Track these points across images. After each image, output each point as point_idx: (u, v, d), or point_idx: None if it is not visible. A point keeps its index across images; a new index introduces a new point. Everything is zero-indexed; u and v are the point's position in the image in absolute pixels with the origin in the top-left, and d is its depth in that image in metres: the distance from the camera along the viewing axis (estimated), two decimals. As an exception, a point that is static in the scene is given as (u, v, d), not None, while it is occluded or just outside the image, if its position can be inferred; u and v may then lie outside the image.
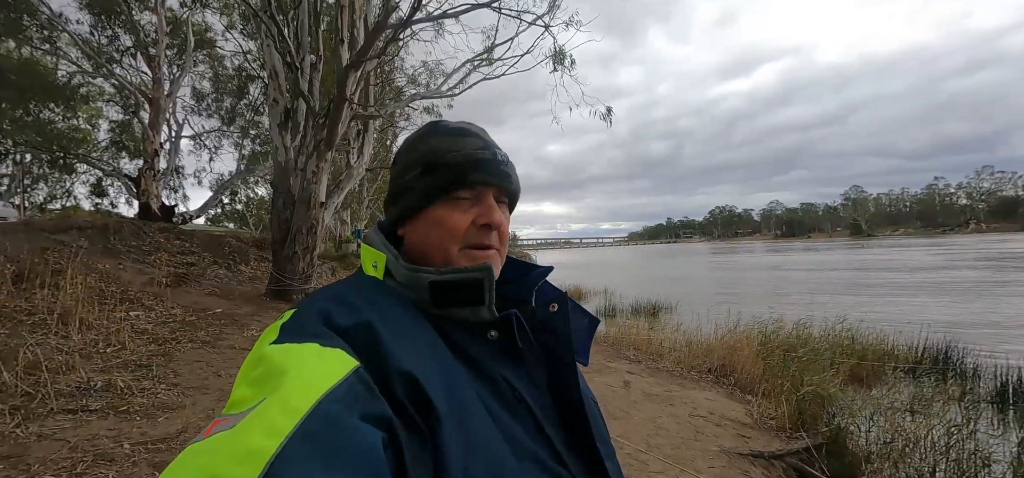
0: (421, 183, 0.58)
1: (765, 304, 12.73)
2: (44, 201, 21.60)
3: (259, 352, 0.43)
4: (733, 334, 7.39)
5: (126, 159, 17.81)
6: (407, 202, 0.59)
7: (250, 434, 0.34)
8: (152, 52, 11.81)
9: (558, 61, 7.37)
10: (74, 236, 7.43)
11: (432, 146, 0.59)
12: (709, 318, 8.63)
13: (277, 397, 0.36)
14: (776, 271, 30.67)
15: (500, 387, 0.50)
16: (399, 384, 0.42)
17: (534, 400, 0.52)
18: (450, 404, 0.44)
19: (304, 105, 8.39)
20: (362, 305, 0.49)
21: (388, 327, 0.47)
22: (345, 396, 0.38)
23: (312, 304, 0.49)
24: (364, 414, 0.38)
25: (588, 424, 0.54)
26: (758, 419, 4.37)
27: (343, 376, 0.39)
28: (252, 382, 0.40)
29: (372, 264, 0.58)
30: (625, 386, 4.92)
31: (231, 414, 0.37)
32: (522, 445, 0.48)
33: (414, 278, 0.54)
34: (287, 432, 0.34)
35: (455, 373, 0.48)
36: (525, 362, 0.54)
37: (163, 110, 12.05)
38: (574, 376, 0.56)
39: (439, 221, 0.57)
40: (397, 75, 14.99)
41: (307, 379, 0.38)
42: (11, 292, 4.40)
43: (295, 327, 0.45)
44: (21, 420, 2.62)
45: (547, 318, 0.58)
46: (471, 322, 0.54)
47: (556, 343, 0.56)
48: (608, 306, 14.88)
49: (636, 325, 9.18)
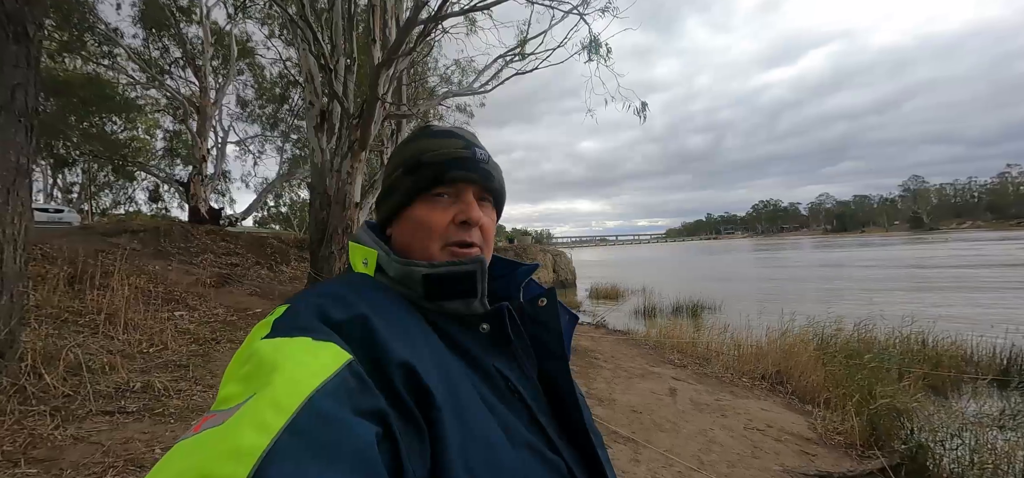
0: (404, 182, 0.59)
1: (819, 304, 11.87)
2: (108, 207, 23.23)
3: (249, 347, 0.42)
4: (787, 337, 6.84)
5: (179, 166, 18.85)
6: (392, 201, 0.60)
7: (240, 431, 0.33)
8: (199, 63, 12.36)
9: (593, 51, 7.05)
10: (127, 239, 7.80)
11: (417, 147, 0.60)
12: (759, 319, 8.04)
13: (267, 393, 0.35)
14: (828, 268, 28.80)
15: (494, 378, 0.51)
16: (397, 374, 0.42)
17: (526, 391, 0.53)
18: (448, 393, 0.44)
19: (338, 107, 8.48)
20: (355, 299, 0.48)
21: (383, 320, 0.46)
22: (337, 390, 0.37)
23: (305, 299, 0.48)
24: (357, 408, 0.37)
25: (580, 413, 0.56)
26: (823, 434, 3.94)
27: (335, 370, 0.38)
28: (242, 378, 0.39)
29: (363, 261, 0.58)
30: (671, 394, 4.58)
31: (220, 410, 0.36)
32: (518, 434, 0.48)
33: (407, 272, 0.55)
34: (278, 428, 0.33)
35: (450, 364, 0.48)
36: (516, 354, 0.55)
37: (210, 118, 12.60)
38: (565, 368, 0.57)
39: (420, 219, 0.58)
40: (430, 74, 15.03)
41: (298, 374, 0.37)
42: (64, 293, 4.59)
43: (287, 322, 0.44)
44: (60, 422, 2.63)
45: (536, 312, 0.59)
46: (463, 315, 0.55)
47: (546, 336, 0.58)
48: (647, 305, 14.36)
49: (678, 326, 8.73)
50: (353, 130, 8.01)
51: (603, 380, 4.88)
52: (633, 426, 3.65)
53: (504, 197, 0.65)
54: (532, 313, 0.59)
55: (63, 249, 5.93)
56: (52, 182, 23.20)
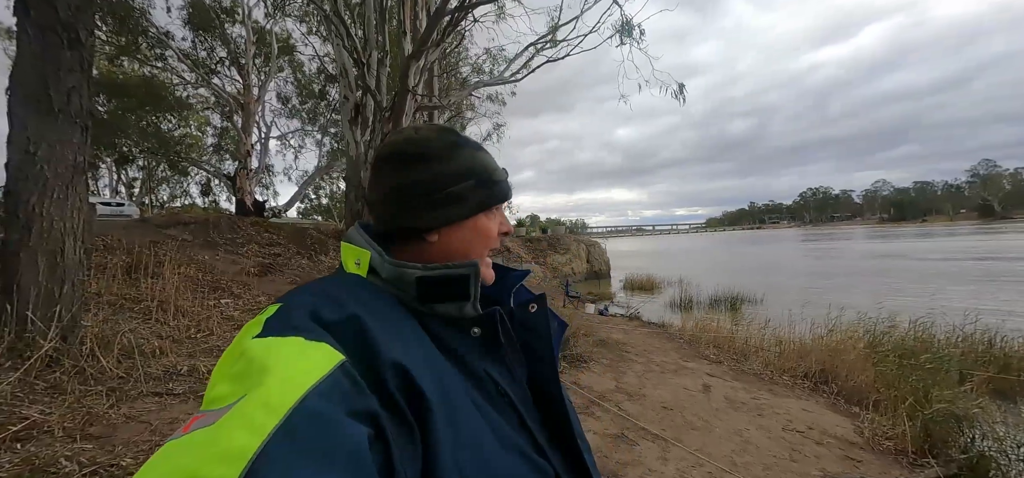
0: (477, 194, 0.60)
1: (871, 299, 11.16)
2: (166, 200, 24.84)
3: (240, 346, 0.42)
4: (834, 334, 6.46)
5: (227, 160, 19.87)
6: (458, 210, 0.60)
7: (230, 432, 0.32)
8: (242, 62, 12.92)
9: (626, 33, 6.81)
10: (179, 230, 8.30)
11: (482, 162, 0.62)
12: (803, 314, 7.62)
13: (259, 393, 0.35)
14: (884, 260, 26.98)
15: (484, 382, 0.52)
16: (390, 375, 0.42)
17: (516, 395, 0.54)
18: (440, 395, 0.44)
19: (371, 101, 8.64)
20: (348, 299, 0.47)
21: (376, 320, 0.46)
22: (330, 391, 0.37)
23: (297, 298, 0.47)
24: (350, 410, 0.37)
25: (568, 418, 0.57)
26: (870, 438, 3.69)
27: (328, 371, 0.38)
28: (233, 377, 0.38)
29: (355, 261, 0.57)
30: (705, 390, 4.43)
31: (211, 410, 0.36)
32: (507, 438, 0.49)
33: (400, 274, 0.54)
34: (269, 430, 0.32)
35: (442, 366, 0.48)
36: (506, 359, 0.55)
37: (253, 114, 13.17)
38: (554, 373, 0.58)
39: (482, 230, 0.61)
40: (462, 65, 15.07)
41: (290, 374, 0.37)
42: (122, 281, 4.93)
43: (279, 321, 0.43)
44: (115, 402, 2.83)
45: (526, 317, 0.60)
46: (455, 318, 0.55)
47: (535, 341, 0.59)
48: (684, 297, 13.95)
49: (716, 320, 8.42)
50: (385, 123, 8.15)
51: (634, 374, 4.78)
52: (663, 423, 3.55)
53: None
54: (522, 318, 0.60)
55: (122, 240, 6.37)
56: (116, 178, 25.03)
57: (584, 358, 5.02)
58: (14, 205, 2.94)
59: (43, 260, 2.98)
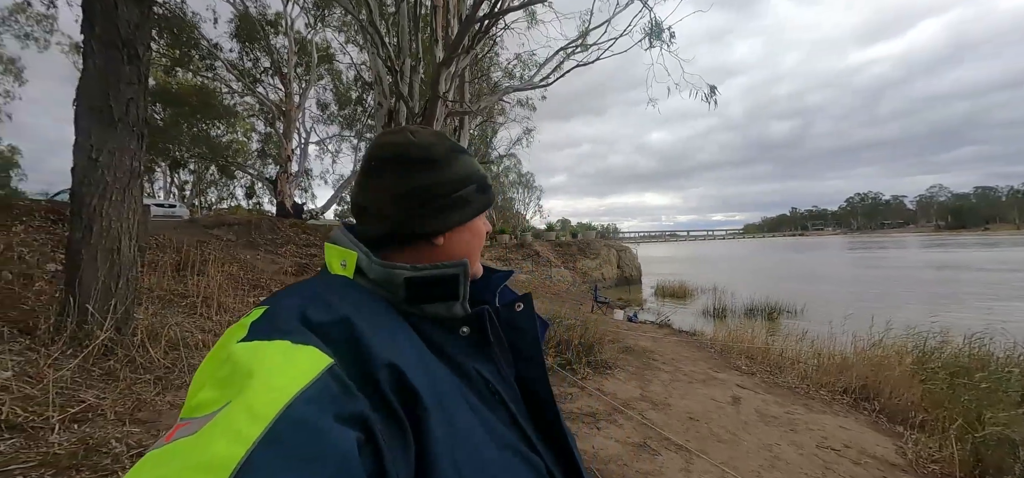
0: (478, 199, 0.63)
1: (921, 311, 10.48)
2: (213, 202, 26.27)
3: (225, 351, 0.40)
4: (878, 348, 6.11)
5: (270, 165, 20.84)
6: (463, 214, 0.61)
7: (214, 441, 0.32)
8: (284, 71, 13.57)
9: (655, 36, 6.71)
10: (224, 231, 8.78)
11: (473, 165, 0.64)
12: (845, 326, 7.25)
13: (243, 400, 0.34)
14: (940, 271, 25.21)
15: (474, 380, 0.52)
16: (384, 376, 0.41)
17: (506, 392, 0.54)
18: (434, 394, 0.44)
19: (404, 107, 8.87)
20: (337, 301, 0.47)
21: (366, 321, 0.45)
22: (318, 396, 0.36)
23: (284, 300, 0.47)
24: (338, 414, 0.36)
25: (557, 415, 0.58)
26: (914, 460, 3.47)
27: (316, 375, 0.37)
28: (217, 383, 0.37)
29: (341, 263, 0.56)
30: (734, 402, 4.29)
31: (194, 418, 0.35)
32: (501, 435, 0.50)
33: (389, 275, 0.54)
34: (254, 438, 0.32)
35: (434, 366, 0.48)
36: (495, 357, 0.56)
37: (294, 121, 13.78)
38: (542, 370, 0.59)
39: (479, 231, 0.64)
40: (493, 71, 15.23)
41: (276, 380, 0.36)
42: (171, 278, 5.27)
43: (265, 324, 0.43)
44: (161, 390, 3.03)
45: (512, 317, 0.61)
46: (443, 318, 0.55)
47: (521, 340, 0.60)
48: (717, 306, 13.52)
49: (750, 330, 8.12)
50: (417, 128, 8.35)
51: (660, 383, 4.69)
52: (688, 433, 3.47)
53: None
54: (508, 317, 0.60)
55: (172, 240, 6.81)
56: (170, 180, 26.73)
57: (609, 364, 4.96)
58: (78, 206, 3.21)
59: (102, 257, 3.24)
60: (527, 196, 47.72)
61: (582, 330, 5.34)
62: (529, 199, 48.18)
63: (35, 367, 2.67)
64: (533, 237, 25.66)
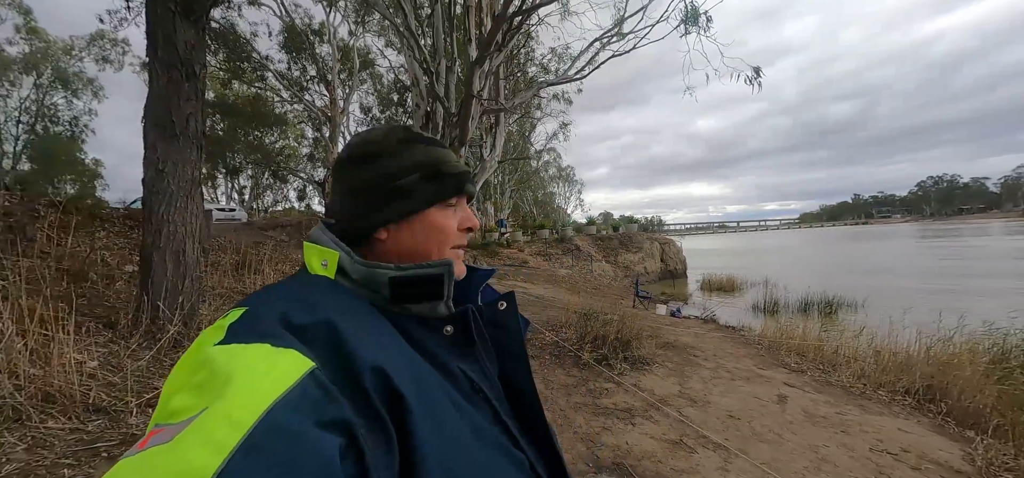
0: (423, 189, 0.59)
1: (1001, 304, 9.53)
2: (269, 205, 27.96)
3: (201, 354, 0.39)
4: (948, 344, 5.63)
5: (319, 168, 21.92)
6: (405, 205, 0.59)
7: (189, 449, 0.31)
8: (329, 78, 14.22)
9: (691, 22, 6.48)
10: (277, 232, 9.35)
11: (424, 153, 0.61)
12: (909, 321, 6.72)
13: (221, 406, 0.33)
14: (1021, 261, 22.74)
15: (459, 379, 0.52)
16: (369, 379, 0.41)
17: (490, 391, 0.54)
18: (419, 396, 0.43)
19: (441, 107, 9.06)
20: (319, 302, 0.46)
21: (350, 323, 0.45)
22: (298, 402, 0.35)
23: (263, 301, 0.46)
24: (320, 421, 0.35)
25: (541, 412, 0.58)
26: (983, 467, 3.20)
27: (297, 380, 0.36)
28: (193, 388, 0.36)
29: (321, 262, 0.55)
30: (780, 401, 4.11)
31: (168, 425, 0.34)
32: (485, 433, 0.49)
33: (371, 275, 0.54)
34: (232, 446, 0.31)
35: (418, 366, 0.48)
36: (479, 355, 0.56)
37: (338, 125, 14.41)
38: (526, 368, 0.59)
39: (436, 225, 0.60)
40: (529, 66, 15.22)
41: (255, 385, 0.35)
42: (231, 276, 5.69)
43: (244, 326, 0.41)
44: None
45: (495, 315, 0.60)
46: (427, 317, 0.55)
47: (505, 338, 0.59)
48: (768, 300, 12.90)
49: (803, 325, 7.70)
50: (453, 127, 8.52)
51: (700, 379, 4.56)
52: (727, 432, 3.37)
53: None
54: (491, 316, 0.60)
55: (232, 241, 7.34)
56: (230, 186, 28.71)
57: (647, 360, 4.89)
58: (148, 213, 3.55)
59: (170, 259, 3.56)
60: (567, 190, 47.29)
61: (619, 325, 5.28)
62: (570, 193, 47.70)
63: (116, 357, 2.99)
64: (574, 231, 25.46)
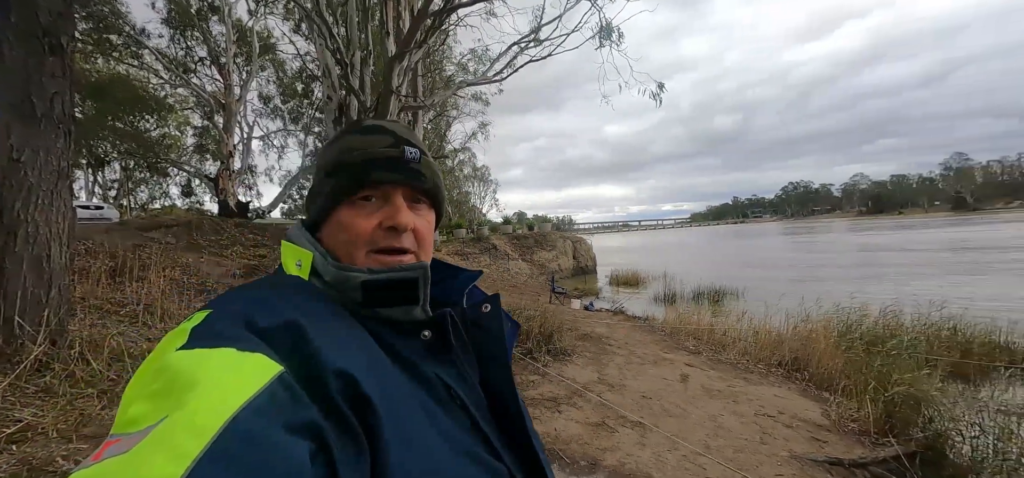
0: (326, 185, 0.56)
1: (846, 289, 11.54)
2: (145, 202, 24.35)
3: (161, 360, 0.37)
4: (808, 323, 6.73)
5: (209, 161, 19.60)
6: (316, 204, 0.57)
7: (150, 459, 0.29)
8: (223, 61, 12.78)
9: (605, 36, 6.98)
10: (162, 233, 8.22)
11: (341, 145, 0.57)
12: (780, 306, 7.90)
13: (183, 413, 0.32)
14: (861, 253, 27.80)
15: (434, 386, 0.50)
16: (334, 383, 0.39)
17: (468, 397, 0.51)
18: (387, 402, 0.42)
19: (355, 101, 8.66)
20: (285, 304, 0.45)
21: (316, 326, 0.43)
22: (266, 407, 0.34)
23: (228, 304, 0.44)
24: (289, 424, 0.34)
25: (523, 418, 0.55)
26: (837, 421, 3.91)
27: (264, 384, 0.35)
28: (152, 396, 0.34)
29: (296, 263, 0.54)
30: (683, 380, 4.61)
31: (126, 434, 0.32)
32: (458, 441, 0.47)
33: (343, 277, 0.51)
34: (195, 454, 0.29)
35: (389, 372, 0.46)
36: (457, 361, 0.53)
37: (235, 114, 13.02)
38: (508, 373, 0.56)
39: (344, 224, 0.54)
40: (446, 64, 15.09)
41: (221, 391, 0.33)
42: (106, 285, 4.91)
43: (207, 330, 0.39)
44: (107, 403, 2.87)
45: (479, 318, 0.58)
46: (402, 322, 0.53)
47: (488, 342, 0.57)
48: (667, 292, 14.24)
49: (697, 312, 8.66)
50: (370, 123, 8.20)
51: (615, 366, 4.94)
52: (642, 411, 3.71)
53: (442, 197, 0.62)
54: (475, 319, 0.58)
55: (104, 244, 6.32)
56: (92, 180, 24.46)
57: (568, 352, 5.17)
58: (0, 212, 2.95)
59: (29, 266, 3.00)
60: (483, 190, 47.63)
61: (541, 320, 5.51)
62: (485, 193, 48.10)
63: (-42, 387, 2.46)
64: (490, 230, 25.74)
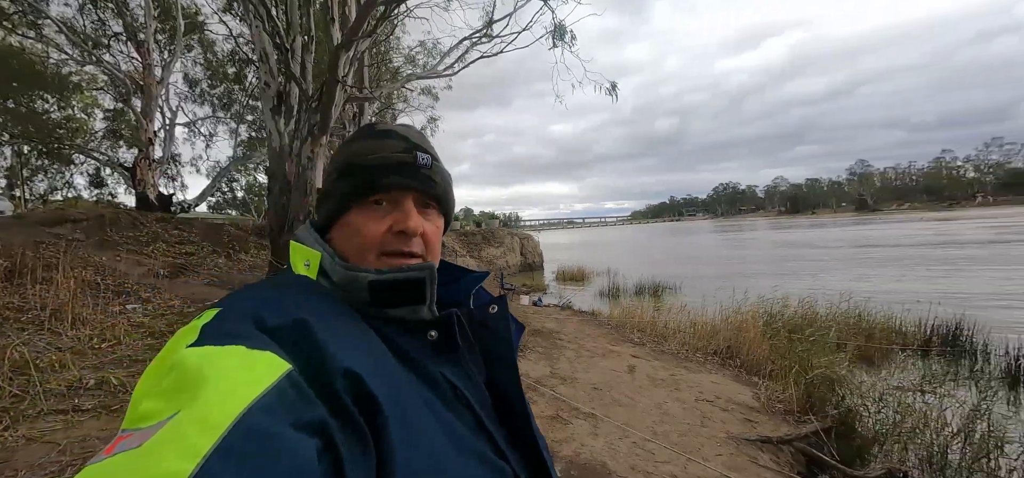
0: (339, 187, 0.57)
1: (769, 282, 12.61)
2: (45, 193, 21.55)
3: (172, 357, 0.37)
4: (738, 314, 7.29)
5: (123, 148, 17.68)
6: (328, 206, 0.58)
7: (161, 454, 0.30)
8: (141, 37, 11.54)
9: (558, 37, 7.11)
10: (69, 229, 7.34)
11: (355, 149, 0.58)
12: (714, 298, 8.50)
13: (194, 410, 0.32)
14: (780, 248, 30.48)
15: (440, 386, 0.50)
16: (341, 382, 0.40)
17: (474, 398, 0.52)
18: (393, 401, 0.42)
19: (296, 88, 8.19)
20: (294, 303, 0.45)
21: (324, 325, 0.44)
22: (275, 404, 0.34)
23: (238, 302, 0.45)
24: (296, 422, 0.34)
25: (528, 419, 0.56)
26: (766, 402, 4.29)
27: (273, 382, 0.36)
28: (163, 392, 0.35)
29: (304, 263, 0.55)
30: (630, 371, 4.84)
31: (137, 429, 0.32)
32: (464, 441, 0.48)
33: (351, 277, 0.52)
34: (206, 450, 0.30)
35: (396, 371, 0.47)
36: (463, 361, 0.54)
37: (155, 97, 11.84)
38: (515, 374, 0.57)
39: (355, 227, 0.56)
40: (394, 55, 14.66)
41: (231, 387, 0.34)
42: (2, 289, 4.32)
43: (217, 328, 0.40)
44: (9, 423, 2.55)
45: (486, 319, 0.58)
46: (409, 322, 0.53)
47: (495, 343, 0.58)
48: (612, 287, 14.80)
49: (640, 306, 9.10)
50: (312, 113, 7.77)
51: (566, 360, 5.08)
52: (594, 402, 3.85)
53: (451, 203, 0.64)
54: (482, 319, 0.58)
55: (-3, 241, 5.54)
56: (-24, 166, 21.24)
57: (520, 347, 5.24)
58: None
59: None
60: (430, 185, 46.97)
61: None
62: (432, 188, 47.47)
63: None
64: (438, 227, 25.33)
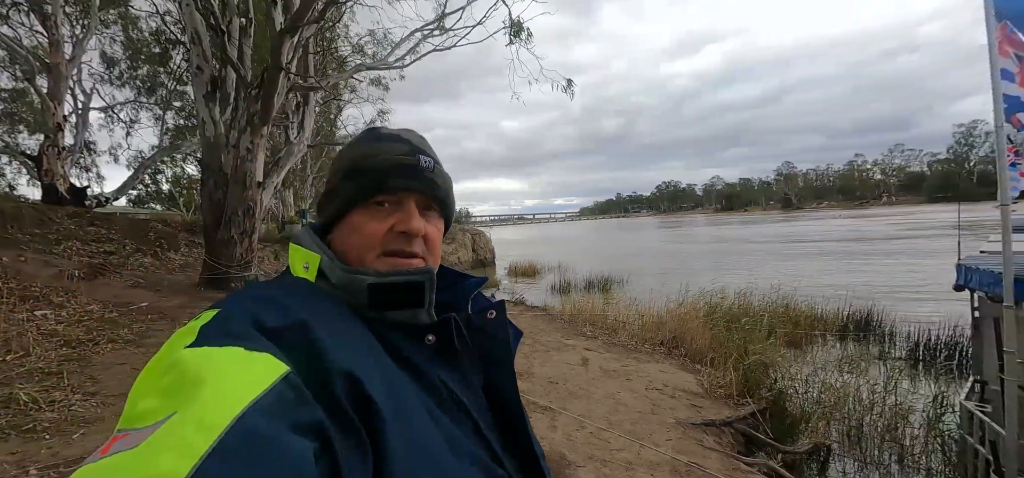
0: (343, 188, 0.57)
1: (709, 275, 13.43)
2: (-79, 182, 18.67)
3: (170, 357, 0.37)
4: (682, 306, 7.70)
5: (24, 134, 15.71)
6: (332, 207, 0.59)
7: (158, 454, 0.29)
8: (48, 9, 10.26)
9: (515, 33, 7.14)
10: (-42, 225, 6.43)
11: (359, 151, 0.59)
12: (660, 291, 8.94)
13: (192, 410, 0.32)
14: (718, 243, 32.55)
15: (438, 389, 0.50)
16: (339, 384, 0.40)
17: (471, 402, 0.52)
18: (391, 404, 0.42)
19: (234, 74, 7.65)
20: (293, 305, 0.45)
21: (323, 327, 0.44)
22: (273, 405, 0.34)
23: (237, 303, 0.45)
24: (294, 423, 0.34)
25: (525, 424, 0.56)
26: (709, 388, 4.57)
27: (271, 384, 0.35)
28: (161, 392, 0.35)
29: (303, 265, 0.55)
30: (584, 363, 4.98)
31: (134, 429, 0.32)
32: (461, 445, 0.48)
33: (351, 280, 0.53)
34: (203, 451, 0.29)
35: (394, 374, 0.47)
36: (461, 365, 0.54)
37: (65, 78, 10.60)
38: (512, 379, 0.57)
39: (357, 227, 0.56)
40: (341, 44, 14.06)
41: (228, 388, 0.34)
42: None
43: (216, 328, 0.40)
44: None
45: (484, 324, 0.58)
46: (408, 325, 0.53)
47: (493, 348, 0.58)
48: (562, 282, 15.12)
49: (591, 301, 9.38)
50: (252, 102, 7.30)
51: (522, 355, 5.14)
52: (550, 396, 3.93)
53: (452, 206, 0.65)
54: (480, 324, 0.58)
55: None
56: None
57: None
58: None
59: None
60: (379, 180, 45.72)
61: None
62: (381, 183, 46.24)
63: None
64: (388, 223, 24.69)
